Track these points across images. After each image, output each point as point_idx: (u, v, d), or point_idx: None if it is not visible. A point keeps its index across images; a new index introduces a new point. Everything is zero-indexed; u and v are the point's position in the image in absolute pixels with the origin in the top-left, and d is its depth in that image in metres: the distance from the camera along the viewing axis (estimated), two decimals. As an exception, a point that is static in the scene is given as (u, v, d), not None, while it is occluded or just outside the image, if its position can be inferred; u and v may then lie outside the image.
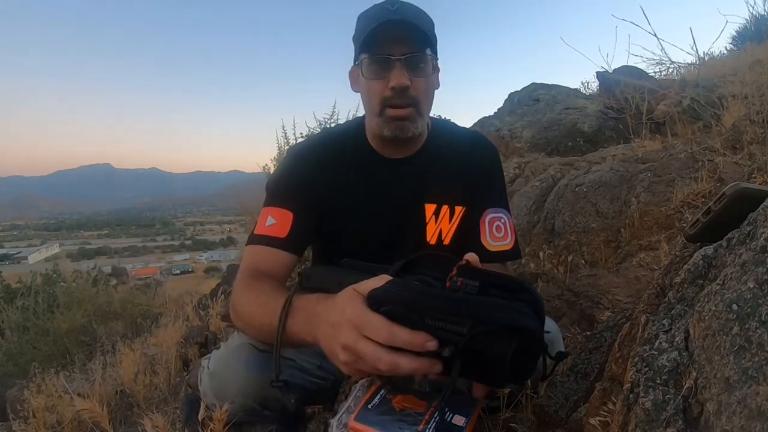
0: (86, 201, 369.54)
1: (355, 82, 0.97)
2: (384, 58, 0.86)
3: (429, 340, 0.52)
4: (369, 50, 0.87)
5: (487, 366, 0.52)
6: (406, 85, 0.85)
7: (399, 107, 0.88)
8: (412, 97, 0.88)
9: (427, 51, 0.88)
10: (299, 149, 1.02)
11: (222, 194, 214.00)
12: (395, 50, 0.85)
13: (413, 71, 0.87)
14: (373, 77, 0.88)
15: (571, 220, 2.08)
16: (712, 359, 0.47)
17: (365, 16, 0.90)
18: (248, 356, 0.88)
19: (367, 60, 0.88)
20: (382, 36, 0.85)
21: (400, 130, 0.90)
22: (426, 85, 0.90)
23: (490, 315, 0.50)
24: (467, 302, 0.52)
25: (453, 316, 0.51)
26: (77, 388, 1.69)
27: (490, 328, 0.50)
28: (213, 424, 0.87)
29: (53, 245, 70.94)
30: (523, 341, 0.50)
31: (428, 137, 1.02)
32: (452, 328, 0.52)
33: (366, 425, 0.68)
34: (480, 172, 1.02)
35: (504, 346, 0.50)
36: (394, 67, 0.85)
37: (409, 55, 0.86)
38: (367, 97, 0.92)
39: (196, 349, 1.96)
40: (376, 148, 0.99)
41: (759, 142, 1.90)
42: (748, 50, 4.09)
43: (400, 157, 0.99)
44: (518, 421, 0.88)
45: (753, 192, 0.65)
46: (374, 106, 0.90)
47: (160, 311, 3.83)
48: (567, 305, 1.51)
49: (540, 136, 3.77)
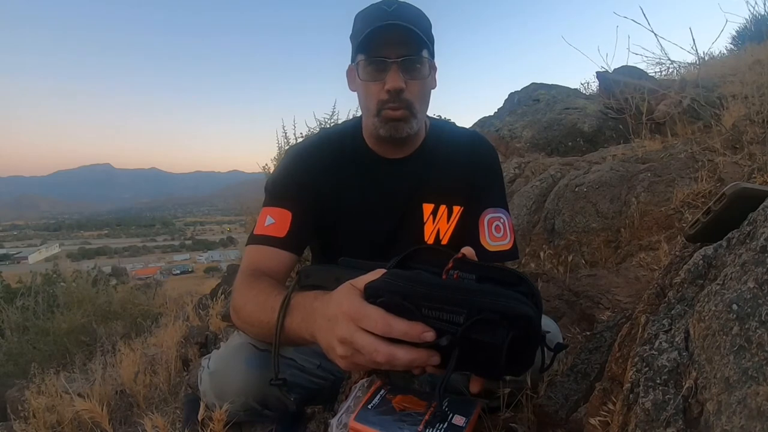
0: (86, 201, 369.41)
1: (352, 81, 0.98)
2: (380, 60, 0.87)
3: (426, 330, 0.51)
4: (365, 52, 0.87)
5: (485, 356, 0.51)
6: (401, 88, 0.86)
7: (394, 109, 0.89)
8: (407, 100, 0.89)
9: (423, 53, 0.89)
10: (298, 149, 1.02)
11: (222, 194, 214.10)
12: (391, 53, 0.86)
13: (409, 73, 0.88)
14: (369, 79, 0.89)
15: (571, 220, 2.08)
16: (712, 359, 0.47)
17: (362, 16, 0.91)
18: (248, 356, 0.88)
19: (363, 62, 0.88)
20: (379, 38, 0.85)
21: (395, 130, 0.91)
22: (421, 87, 0.91)
23: (487, 303, 0.50)
24: (464, 290, 0.52)
25: (449, 305, 0.51)
26: (77, 388, 1.69)
27: (487, 316, 0.49)
28: (213, 424, 0.87)
29: (53, 245, 70.95)
30: (521, 329, 0.49)
31: (427, 137, 1.02)
32: (449, 318, 0.51)
33: (366, 425, 0.68)
34: (479, 172, 1.03)
35: (502, 334, 0.49)
36: (390, 69, 0.86)
37: (405, 58, 0.86)
38: (364, 98, 0.93)
39: (196, 349, 1.96)
40: (373, 147, 0.99)
41: (759, 142, 1.90)
42: (748, 50, 4.09)
43: (398, 157, 0.99)
44: (518, 421, 0.88)
45: (753, 192, 0.65)
46: (371, 107, 0.91)
47: (160, 311, 3.83)
48: (567, 305, 1.51)
49: (540, 136, 3.76)
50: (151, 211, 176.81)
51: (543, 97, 4.61)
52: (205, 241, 77.48)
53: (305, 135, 3.47)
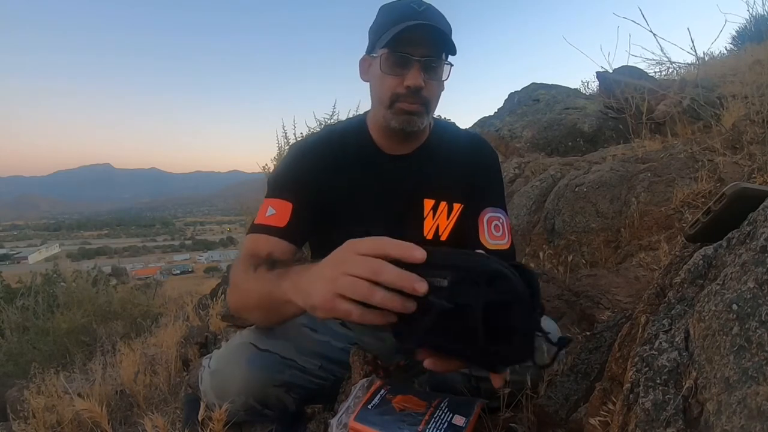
0: (86, 201, 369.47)
1: (365, 71, 0.99)
2: (404, 57, 0.88)
3: (419, 280, 0.49)
4: (392, 46, 0.88)
5: (462, 326, 0.49)
6: (420, 86, 0.89)
7: (410, 103, 0.91)
8: (424, 97, 0.91)
9: (443, 56, 0.91)
10: (301, 144, 1.04)
11: (222, 194, 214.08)
12: (416, 51, 0.88)
13: (428, 74, 0.90)
14: (390, 72, 0.90)
15: (571, 220, 2.08)
16: (712, 359, 0.47)
17: (389, 10, 0.92)
18: (249, 355, 0.88)
19: (386, 55, 0.90)
20: (408, 36, 0.87)
21: (407, 123, 0.92)
22: (437, 88, 0.94)
23: (469, 263, 0.50)
24: (448, 253, 0.52)
25: (434, 270, 0.50)
26: (77, 388, 1.69)
27: (470, 275, 0.49)
28: (213, 424, 0.87)
29: (53, 245, 70.94)
30: (501, 293, 0.48)
31: (429, 135, 1.04)
32: (435, 282, 0.50)
33: (366, 425, 0.68)
34: (479, 171, 1.04)
35: (479, 293, 0.48)
36: (413, 67, 0.88)
37: (427, 58, 0.89)
38: (379, 89, 0.94)
39: (196, 349, 1.96)
40: (378, 142, 1.01)
41: (759, 142, 1.90)
42: (748, 50, 4.09)
43: (401, 153, 1.01)
44: (518, 421, 0.88)
45: (753, 192, 0.65)
46: (384, 99, 0.93)
47: (160, 311, 3.83)
48: (567, 305, 1.51)
49: (540, 136, 3.77)
50: (151, 211, 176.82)
51: (543, 97, 4.61)
52: (205, 241, 77.51)
53: (305, 135, 3.47)
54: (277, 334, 0.93)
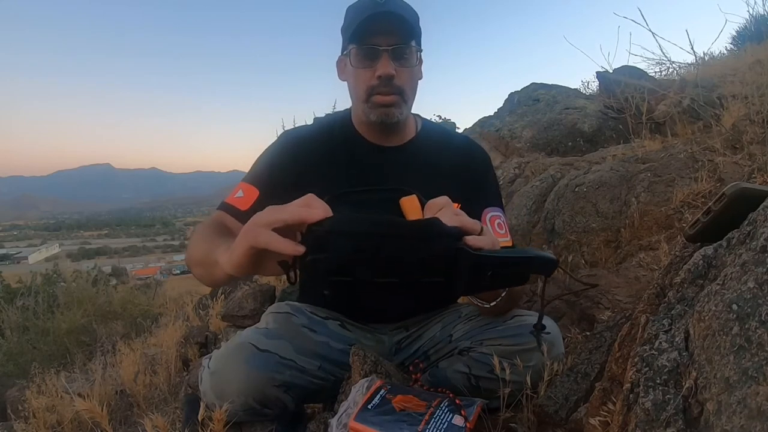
0: (86, 201, 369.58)
1: (342, 71, 1.02)
2: (371, 48, 0.90)
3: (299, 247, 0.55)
4: (357, 40, 0.91)
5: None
6: (391, 74, 0.90)
7: (385, 94, 0.92)
8: (397, 86, 0.92)
9: (412, 43, 0.93)
10: (288, 134, 1.06)
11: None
12: (382, 41, 0.90)
13: (399, 62, 0.92)
14: (360, 66, 0.92)
15: (571, 220, 2.08)
16: (712, 359, 0.47)
17: (354, 7, 0.94)
18: (249, 355, 0.88)
19: (355, 50, 0.92)
20: (371, 27, 0.89)
21: (385, 116, 0.94)
22: (410, 75, 0.95)
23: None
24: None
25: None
26: (77, 388, 1.69)
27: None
28: (213, 424, 0.87)
29: (53, 245, 70.90)
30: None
31: (419, 132, 1.06)
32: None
33: (366, 425, 0.68)
34: (474, 172, 1.06)
35: None
36: (381, 57, 0.90)
37: (395, 47, 0.90)
38: (354, 85, 0.96)
39: (196, 349, 1.96)
40: (363, 134, 1.03)
41: (759, 142, 1.90)
42: (748, 50, 4.08)
43: (387, 145, 1.02)
44: (518, 421, 0.88)
45: (753, 192, 0.65)
46: (360, 93, 0.95)
47: (160, 311, 3.83)
48: (567, 305, 1.51)
49: (540, 136, 3.76)
50: (151, 211, 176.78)
51: (543, 97, 4.61)
52: (205, 241, 77.21)
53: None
54: (277, 335, 0.93)
